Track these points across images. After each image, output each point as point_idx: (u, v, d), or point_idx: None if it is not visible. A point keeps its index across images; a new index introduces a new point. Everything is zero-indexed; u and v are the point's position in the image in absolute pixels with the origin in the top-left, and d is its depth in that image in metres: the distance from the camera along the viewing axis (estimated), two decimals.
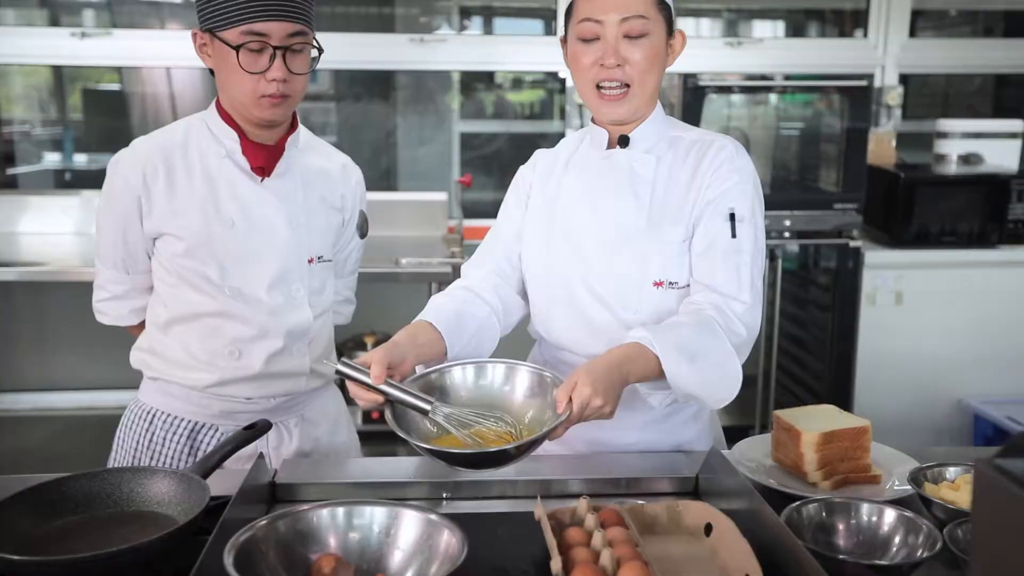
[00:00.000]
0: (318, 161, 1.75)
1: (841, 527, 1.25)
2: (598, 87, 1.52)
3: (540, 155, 1.72)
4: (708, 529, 1.23)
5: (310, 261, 1.70)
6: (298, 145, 1.71)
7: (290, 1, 1.53)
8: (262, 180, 1.65)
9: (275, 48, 1.53)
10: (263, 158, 1.64)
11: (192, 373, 1.67)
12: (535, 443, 1.23)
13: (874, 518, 1.25)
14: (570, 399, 1.26)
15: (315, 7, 1.62)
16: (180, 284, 1.65)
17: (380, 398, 1.29)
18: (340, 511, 1.16)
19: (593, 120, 1.62)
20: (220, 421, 1.70)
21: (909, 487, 1.35)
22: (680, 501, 1.28)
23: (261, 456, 1.39)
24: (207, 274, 1.63)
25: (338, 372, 1.30)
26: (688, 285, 1.54)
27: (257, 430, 1.44)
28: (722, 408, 1.53)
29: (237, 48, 1.52)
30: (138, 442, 1.71)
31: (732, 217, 1.50)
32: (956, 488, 1.33)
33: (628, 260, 1.54)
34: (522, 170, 1.72)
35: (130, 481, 1.28)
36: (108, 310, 1.76)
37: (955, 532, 1.18)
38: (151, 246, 1.67)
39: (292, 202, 1.67)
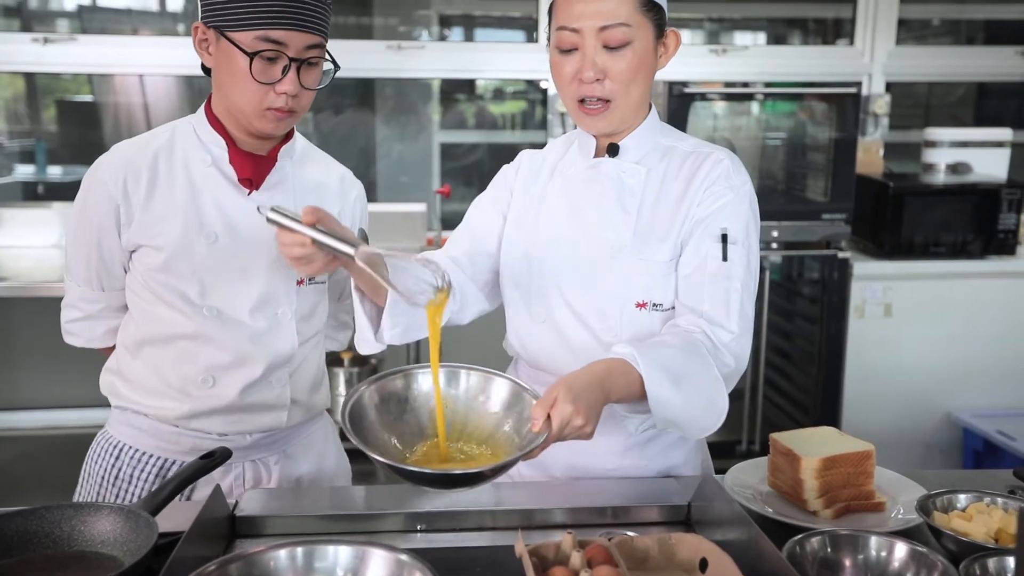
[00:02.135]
0: (315, 174, 1.63)
1: (848, 563, 1.17)
2: (580, 100, 1.42)
3: (525, 156, 1.61)
4: (703, 565, 1.15)
5: (299, 283, 1.57)
6: (293, 156, 1.59)
7: (312, 10, 1.42)
8: (250, 193, 1.53)
9: (291, 59, 1.42)
10: (251, 169, 1.52)
11: (162, 401, 1.55)
12: (507, 466, 1.15)
13: (883, 553, 1.16)
14: (548, 416, 1.16)
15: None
16: (155, 301, 1.53)
17: (305, 240, 1.21)
18: (299, 552, 1.07)
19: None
20: (190, 458, 1.54)
21: (916, 516, 1.27)
22: (673, 534, 1.20)
23: (218, 486, 1.28)
24: (185, 292, 1.50)
25: (269, 220, 1.23)
26: (673, 308, 1.44)
27: (215, 459, 1.33)
28: None
29: (252, 55, 1.40)
30: (104, 476, 1.60)
31: (724, 238, 1.40)
32: (968, 518, 1.24)
33: (610, 278, 1.44)
34: (505, 169, 1.62)
35: (71, 519, 1.18)
36: (79, 331, 1.64)
37: (972, 568, 1.09)
38: (128, 260, 1.54)
39: None
